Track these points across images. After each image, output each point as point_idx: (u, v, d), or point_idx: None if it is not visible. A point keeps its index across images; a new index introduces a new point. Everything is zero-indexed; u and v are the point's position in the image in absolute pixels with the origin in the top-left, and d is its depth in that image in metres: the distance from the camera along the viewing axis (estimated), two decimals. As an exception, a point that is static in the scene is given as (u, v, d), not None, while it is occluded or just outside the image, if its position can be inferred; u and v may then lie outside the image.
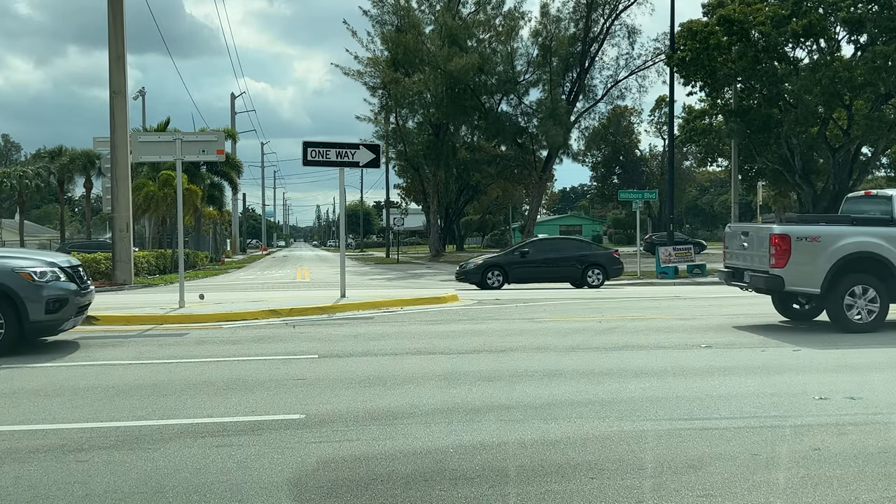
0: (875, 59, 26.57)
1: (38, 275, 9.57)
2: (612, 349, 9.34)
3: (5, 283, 9.33)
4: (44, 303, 9.49)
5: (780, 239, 10.70)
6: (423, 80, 41.59)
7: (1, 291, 9.30)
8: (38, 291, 9.47)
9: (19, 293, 9.33)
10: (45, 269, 9.70)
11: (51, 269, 9.79)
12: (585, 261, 23.14)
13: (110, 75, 24.51)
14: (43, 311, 9.48)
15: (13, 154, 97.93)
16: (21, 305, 9.33)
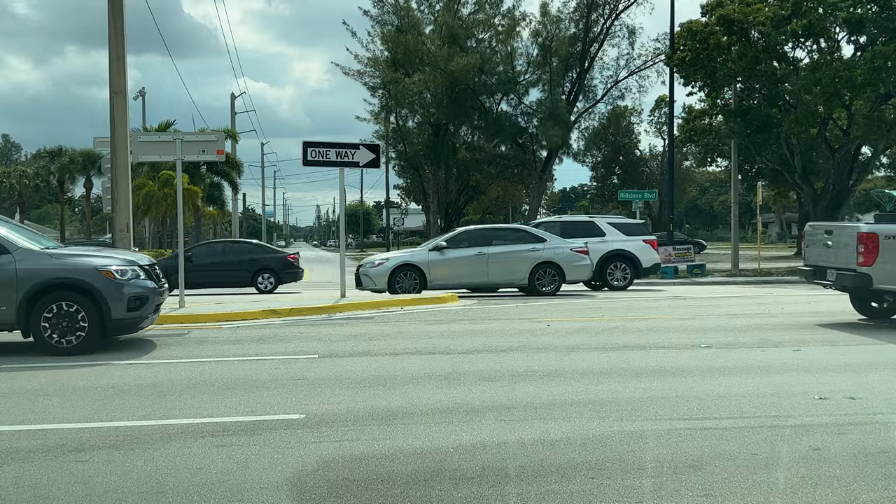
0: (875, 59, 26.57)
1: (119, 273, 9.67)
2: (612, 349, 9.34)
3: (88, 282, 9.43)
4: (125, 301, 9.58)
5: (868, 237, 10.83)
6: (423, 80, 41.56)
7: (84, 290, 9.41)
8: (120, 289, 9.56)
9: (102, 291, 9.42)
10: (125, 268, 9.81)
11: (131, 267, 9.90)
12: (255, 266, 22.43)
13: (110, 75, 24.47)
14: (125, 309, 9.58)
15: (13, 154, 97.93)
16: (104, 303, 9.42)
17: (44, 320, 9.31)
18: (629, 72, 44.09)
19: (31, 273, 9.36)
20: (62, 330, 9.34)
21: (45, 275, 9.40)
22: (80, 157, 48.34)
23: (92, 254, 10.29)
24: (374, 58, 44.20)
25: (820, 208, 30.87)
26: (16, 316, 9.33)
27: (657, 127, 66.51)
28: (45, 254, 9.81)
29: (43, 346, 9.38)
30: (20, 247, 9.60)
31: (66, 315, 9.35)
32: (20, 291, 9.29)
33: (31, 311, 9.32)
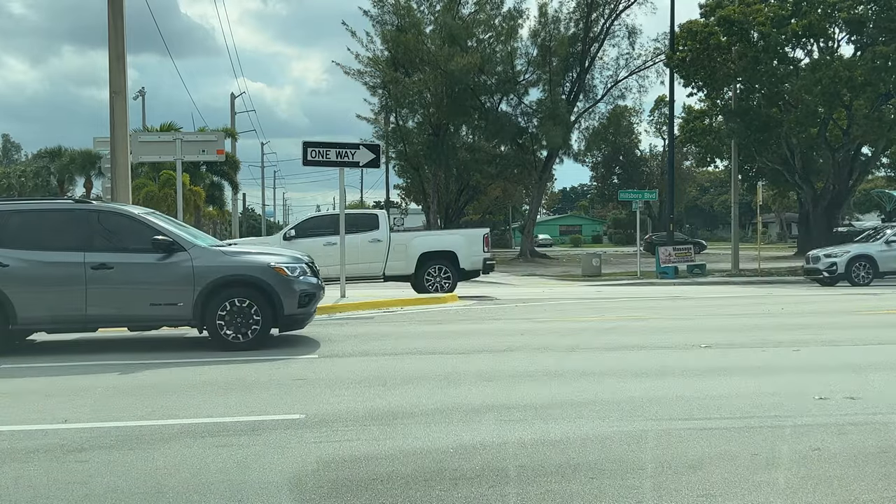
0: (875, 59, 26.58)
1: (290, 270, 9.86)
2: (612, 349, 9.33)
3: (262, 278, 9.65)
4: (297, 297, 9.79)
5: None
6: (423, 79, 41.60)
7: (258, 286, 9.61)
8: (292, 286, 9.77)
9: (275, 288, 9.62)
10: (295, 265, 10.00)
11: (299, 264, 10.10)
12: None
13: (110, 75, 24.47)
14: (296, 305, 9.79)
15: (13, 154, 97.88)
16: (277, 300, 9.61)
17: (219, 317, 9.50)
18: (629, 72, 44.16)
19: (207, 270, 9.56)
20: (236, 325, 9.52)
21: (220, 272, 9.61)
22: (80, 157, 48.34)
23: (260, 251, 10.61)
24: (374, 57, 44.22)
25: (820, 208, 30.88)
26: (192, 312, 9.51)
27: (657, 127, 66.55)
28: (218, 251, 10.05)
29: (218, 341, 9.56)
30: (195, 244, 9.84)
31: (241, 311, 9.53)
32: (197, 288, 9.47)
33: (206, 308, 9.49)
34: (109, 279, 9.39)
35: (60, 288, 9.36)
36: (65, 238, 9.49)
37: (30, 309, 9.29)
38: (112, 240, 9.65)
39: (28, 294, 9.27)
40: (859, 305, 15.00)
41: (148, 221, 9.94)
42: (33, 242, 9.46)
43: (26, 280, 9.29)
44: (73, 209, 9.86)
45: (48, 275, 9.36)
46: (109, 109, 15.55)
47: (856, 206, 66.20)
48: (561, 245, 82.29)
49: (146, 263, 9.53)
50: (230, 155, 47.67)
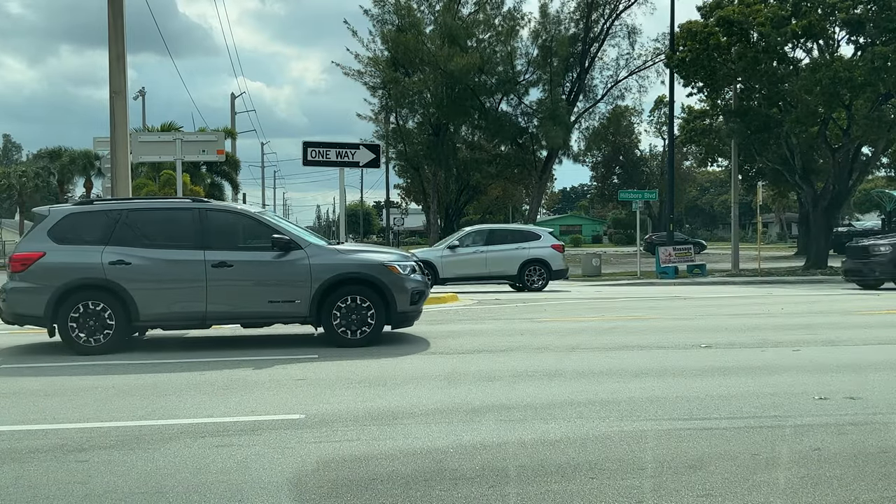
0: (875, 59, 26.55)
1: (402, 268, 10.02)
2: (612, 349, 9.33)
3: (377, 276, 9.84)
4: (409, 295, 9.98)
5: None
6: (423, 79, 41.60)
7: (373, 284, 9.80)
8: (404, 284, 9.94)
9: (389, 286, 9.81)
10: (405, 263, 10.19)
11: (409, 262, 10.28)
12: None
13: (110, 75, 24.47)
14: (408, 302, 9.98)
15: (14, 154, 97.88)
16: (390, 297, 9.80)
17: (335, 314, 9.67)
18: (629, 72, 44.14)
19: (324, 268, 9.72)
20: (351, 323, 9.71)
21: (336, 269, 9.76)
22: (80, 157, 48.34)
23: (370, 249, 10.92)
24: (374, 57, 44.21)
25: (820, 208, 30.86)
26: (308, 309, 9.66)
27: (657, 127, 66.52)
28: (333, 249, 10.21)
29: (333, 338, 9.72)
30: (311, 243, 10.02)
31: (356, 309, 9.71)
32: (314, 286, 9.62)
33: (322, 305, 9.65)
34: (229, 277, 9.54)
35: (182, 285, 9.52)
36: (184, 236, 9.65)
37: (151, 306, 9.44)
38: (230, 238, 9.85)
39: (150, 291, 9.42)
40: (859, 305, 15.00)
41: (266, 220, 10.22)
42: (154, 241, 9.62)
43: (148, 278, 9.44)
44: (191, 208, 10.01)
45: (169, 273, 9.52)
46: (109, 109, 15.56)
47: (856, 206, 66.18)
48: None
49: (264, 261, 9.70)
50: (230, 155, 47.66)
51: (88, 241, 9.47)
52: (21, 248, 9.62)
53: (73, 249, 9.40)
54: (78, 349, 9.26)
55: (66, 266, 9.30)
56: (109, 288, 9.32)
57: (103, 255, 9.35)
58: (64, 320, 9.26)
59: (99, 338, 9.30)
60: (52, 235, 9.48)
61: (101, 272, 9.31)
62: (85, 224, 9.66)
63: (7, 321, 9.80)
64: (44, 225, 9.57)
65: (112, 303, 9.31)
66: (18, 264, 9.41)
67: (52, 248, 9.37)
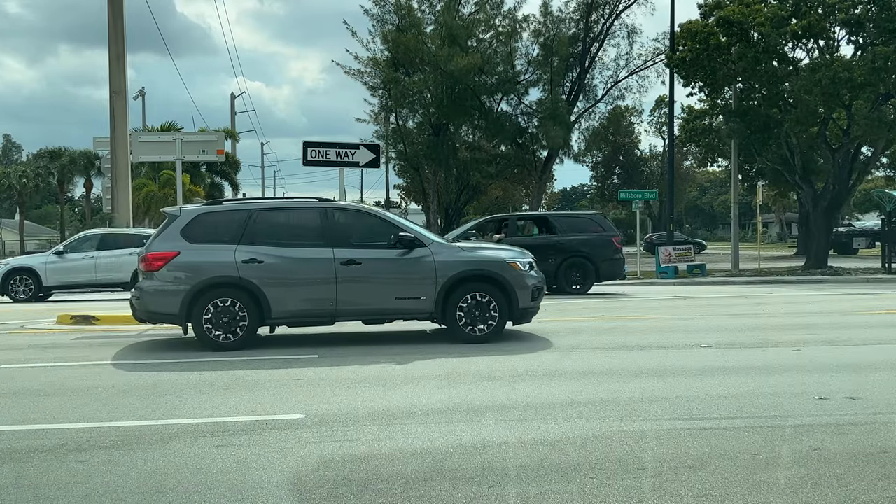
0: (875, 59, 26.55)
1: (522, 265, 10.14)
2: (612, 349, 9.33)
3: (500, 273, 10.00)
4: (530, 291, 10.12)
5: None
6: (423, 79, 41.57)
7: (496, 281, 9.97)
8: (525, 280, 10.10)
9: (511, 282, 9.96)
10: (525, 259, 10.30)
11: (527, 258, 10.39)
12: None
13: (110, 75, 24.48)
14: (529, 298, 10.12)
15: (14, 154, 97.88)
16: (512, 294, 9.95)
17: (458, 310, 9.82)
18: (629, 72, 44.09)
19: (448, 265, 9.89)
20: (475, 319, 9.86)
21: (460, 266, 9.94)
22: (80, 157, 48.35)
23: (488, 246, 11.13)
24: (374, 57, 44.20)
25: (820, 208, 30.86)
26: (434, 305, 9.83)
27: (657, 127, 66.50)
28: (456, 247, 10.45)
29: (457, 334, 9.85)
30: (434, 240, 10.23)
31: (480, 305, 9.89)
32: (439, 283, 9.80)
33: (447, 302, 9.82)
34: (358, 274, 9.73)
35: (312, 283, 9.71)
36: (313, 235, 9.86)
37: (283, 304, 9.60)
38: (356, 236, 10.06)
39: (281, 289, 9.59)
40: (859, 305, 15.00)
41: (391, 219, 10.50)
42: (284, 239, 9.80)
43: (280, 276, 9.62)
44: (318, 207, 10.18)
45: (300, 270, 9.71)
46: (109, 109, 15.56)
47: (856, 206, 66.21)
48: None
49: (390, 259, 9.89)
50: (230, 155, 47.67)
51: (220, 240, 9.66)
52: (155, 248, 9.67)
53: (207, 248, 9.60)
54: (212, 346, 9.45)
55: (200, 265, 9.51)
56: (243, 286, 9.50)
57: (236, 253, 9.55)
58: (198, 318, 9.44)
59: (232, 335, 9.48)
60: (184, 235, 9.65)
61: (234, 270, 9.50)
62: (215, 223, 9.86)
63: (140, 319, 10.04)
64: (176, 225, 9.74)
65: (245, 300, 9.50)
66: (153, 263, 9.54)
67: (186, 248, 9.56)
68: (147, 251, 9.71)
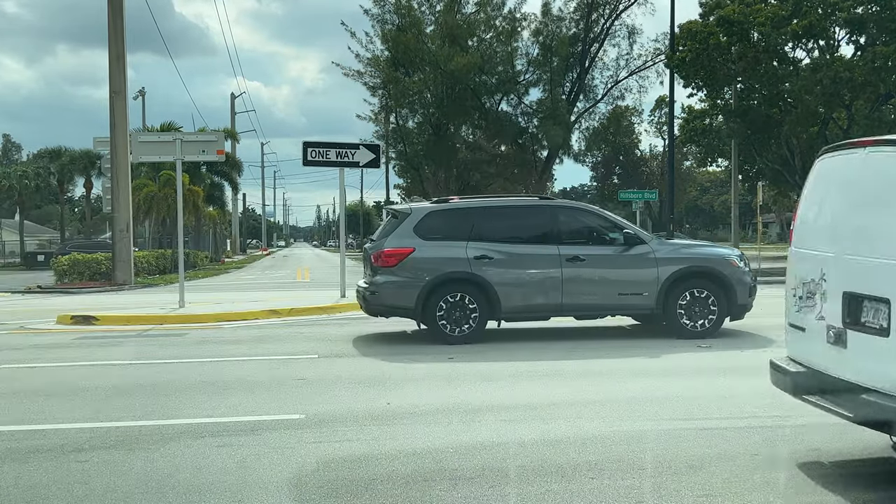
0: (875, 59, 26.55)
1: (739, 261, 10.35)
2: (611, 349, 9.33)
3: (721, 270, 10.14)
4: (747, 288, 10.23)
5: None
6: (423, 79, 41.60)
7: (716, 277, 10.10)
8: (744, 277, 10.25)
9: (731, 279, 10.10)
10: (740, 256, 10.55)
11: (741, 256, 10.51)
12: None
13: (110, 75, 24.47)
14: (747, 294, 10.21)
15: (14, 154, 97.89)
16: (731, 290, 10.08)
17: (679, 306, 9.96)
18: (629, 72, 44.10)
19: (669, 262, 10.05)
20: (694, 315, 9.99)
21: (682, 263, 10.09)
22: (80, 157, 48.35)
23: (701, 244, 11.46)
24: (374, 57, 44.20)
25: (820, 208, 30.86)
26: (656, 301, 9.98)
27: (657, 127, 66.42)
28: (676, 244, 10.74)
29: (676, 329, 9.98)
30: (652, 237, 10.59)
31: (699, 301, 9.98)
32: (661, 279, 9.96)
33: (668, 298, 9.95)
34: (582, 271, 9.95)
35: (540, 279, 9.95)
36: (537, 232, 10.18)
37: (512, 299, 9.86)
38: (578, 233, 10.29)
39: (510, 285, 9.87)
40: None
41: (611, 216, 10.78)
42: (510, 237, 10.09)
43: (509, 272, 9.90)
44: (540, 205, 10.55)
45: (528, 267, 9.99)
46: (109, 109, 15.55)
47: (856, 206, 66.04)
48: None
49: (613, 255, 10.12)
50: (230, 155, 47.68)
51: (451, 237, 9.99)
52: (391, 244, 9.99)
53: (440, 245, 9.95)
54: (444, 339, 9.71)
55: (435, 260, 9.85)
56: (475, 281, 9.81)
57: (467, 250, 9.86)
58: (432, 312, 9.75)
59: (464, 328, 9.74)
60: (417, 232, 9.96)
61: (466, 266, 9.82)
62: (445, 221, 10.20)
63: (372, 312, 10.47)
64: (409, 222, 10.09)
65: (476, 295, 9.79)
66: (391, 259, 9.88)
67: (420, 244, 9.92)
68: (382, 247, 10.02)
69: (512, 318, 10.18)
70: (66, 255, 28.44)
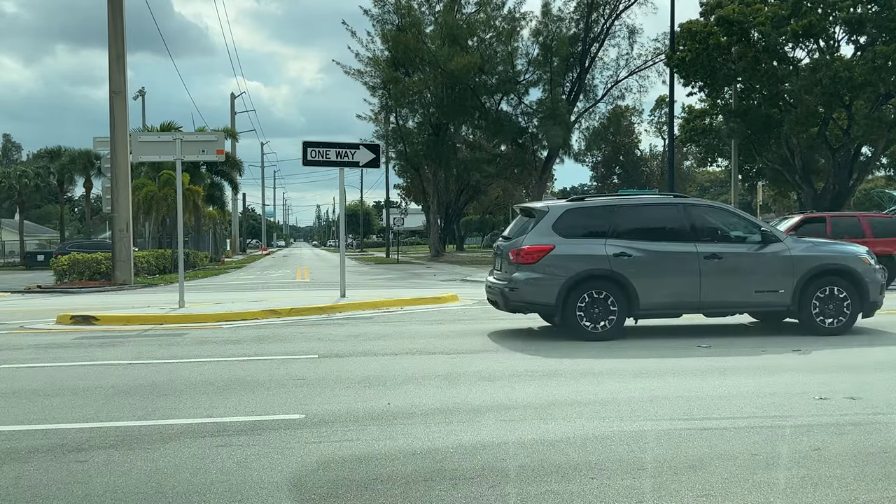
0: (875, 59, 26.57)
1: (872, 259, 10.46)
2: (611, 349, 9.33)
3: (855, 268, 10.27)
4: (879, 286, 10.40)
5: None
6: (423, 79, 41.65)
7: (851, 275, 10.22)
8: (875, 275, 10.37)
9: (864, 276, 10.25)
10: (871, 254, 10.61)
11: (871, 253, 10.66)
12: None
13: (110, 75, 24.48)
14: (878, 292, 10.39)
15: (14, 154, 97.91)
16: (864, 288, 10.24)
17: (813, 305, 10.11)
18: (629, 72, 44.14)
19: (804, 259, 10.19)
20: (827, 312, 10.14)
21: (817, 261, 10.22)
22: (80, 157, 48.37)
23: (837, 242, 11.49)
24: (374, 57, 44.23)
25: (820, 209, 30.89)
26: (791, 299, 10.11)
27: (657, 127, 66.54)
28: (808, 242, 10.80)
29: (811, 327, 10.14)
30: (786, 235, 10.72)
31: (832, 298, 10.16)
32: (796, 276, 10.09)
33: (804, 295, 10.09)
34: (719, 268, 10.06)
35: (679, 277, 10.07)
36: (674, 230, 10.29)
37: (650, 296, 9.99)
38: (713, 231, 10.38)
39: (649, 282, 9.98)
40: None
41: (745, 214, 10.97)
42: (647, 234, 10.20)
43: (648, 269, 10.01)
44: (675, 203, 10.66)
45: (667, 264, 10.09)
46: (109, 109, 15.53)
47: (856, 206, 66.12)
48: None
49: (749, 253, 10.20)
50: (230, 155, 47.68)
51: (588, 234, 10.17)
52: (530, 242, 10.12)
53: (579, 242, 10.10)
54: (583, 335, 9.85)
55: (575, 258, 10.00)
56: (614, 278, 9.93)
57: (606, 247, 10.01)
58: (572, 308, 9.89)
59: (604, 325, 9.90)
60: (556, 229, 10.08)
61: (606, 263, 9.95)
62: (582, 219, 10.33)
63: (511, 308, 10.55)
64: (547, 220, 10.21)
65: (615, 292, 9.92)
66: (531, 256, 10.02)
67: (560, 242, 10.06)
68: (522, 245, 10.12)
69: (649, 315, 10.30)
70: (66, 255, 28.45)
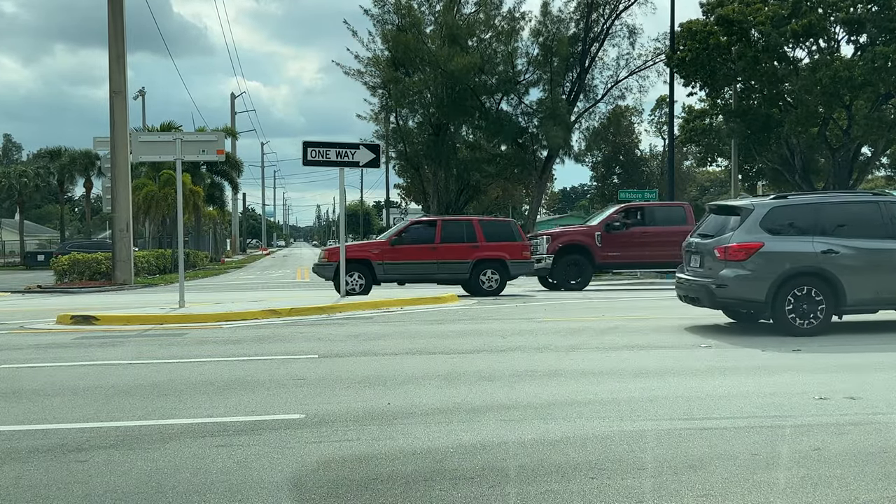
0: (875, 59, 26.57)
1: None
2: (612, 349, 9.33)
3: None
4: None
5: None
6: (423, 79, 41.61)
7: None
8: None
9: None
10: None
11: None
12: None
13: (110, 75, 24.47)
14: None
15: (14, 154, 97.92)
16: None
17: None
18: (629, 72, 44.08)
19: None
20: None
21: None
22: (80, 157, 48.39)
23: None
24: (374, 57, 44.20)
25: (820, 208, 30.97)
26: None
27: (657, 127, 66.50)
28: None
29: None
30: None
31: None
32: None
33: None
34: None
35: (884, 273, 10.27)
36: (876, 227, 10.40)
37: (857, 292, 10.17)
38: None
39: (856, 278, 10.16)
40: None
41: None
42: (850, 231, 10.35)
43: (855, 265, 10.21)
44: (877, 201, 10.81)
45: (872, 261, 10.29)
46: (109, 109, 15.53)
47: (856, 206, 66.19)
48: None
49: None
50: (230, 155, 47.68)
51: (795, 232, 10.33)
52: (739, 239, 10.26)
53: (787, 240, 10.29)
54: (791, 331, 10.03)
55: (784, 255, 10.16)
56: (822, 275, 10.09)
57: (814, 244, 10.18)
58: (780, 305, 10.06)
59: (811, 321, 10.06)
60: (763, 227, 10.24)
61: (814, 260, 10.12)
62: (789, 217, 10.46)
63: (718, 305, 10.80)
64: (754, 217, 10.34)
65: (823, 289, 10.09)
66: (740, 253, 10.18)
67: (768, 239, 10.22)
68: (730, 242, 10.28)
69: (855, 311, 10.50)
70: (66, 255, 28.47)
